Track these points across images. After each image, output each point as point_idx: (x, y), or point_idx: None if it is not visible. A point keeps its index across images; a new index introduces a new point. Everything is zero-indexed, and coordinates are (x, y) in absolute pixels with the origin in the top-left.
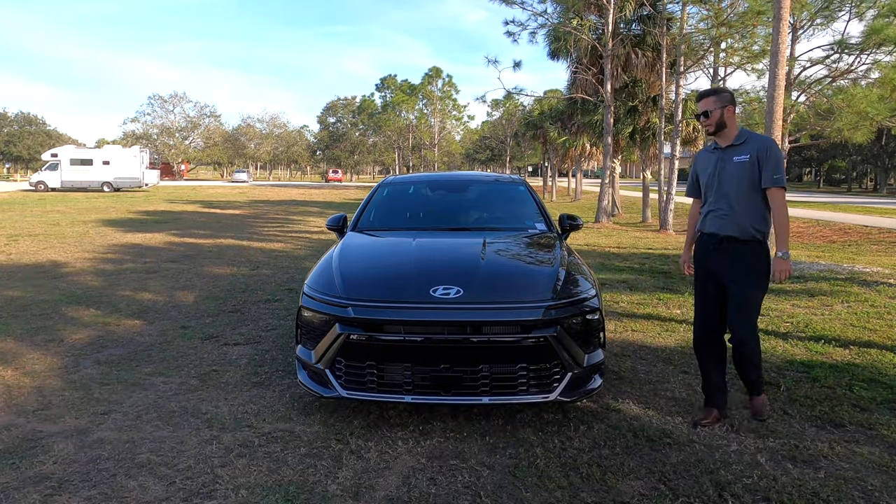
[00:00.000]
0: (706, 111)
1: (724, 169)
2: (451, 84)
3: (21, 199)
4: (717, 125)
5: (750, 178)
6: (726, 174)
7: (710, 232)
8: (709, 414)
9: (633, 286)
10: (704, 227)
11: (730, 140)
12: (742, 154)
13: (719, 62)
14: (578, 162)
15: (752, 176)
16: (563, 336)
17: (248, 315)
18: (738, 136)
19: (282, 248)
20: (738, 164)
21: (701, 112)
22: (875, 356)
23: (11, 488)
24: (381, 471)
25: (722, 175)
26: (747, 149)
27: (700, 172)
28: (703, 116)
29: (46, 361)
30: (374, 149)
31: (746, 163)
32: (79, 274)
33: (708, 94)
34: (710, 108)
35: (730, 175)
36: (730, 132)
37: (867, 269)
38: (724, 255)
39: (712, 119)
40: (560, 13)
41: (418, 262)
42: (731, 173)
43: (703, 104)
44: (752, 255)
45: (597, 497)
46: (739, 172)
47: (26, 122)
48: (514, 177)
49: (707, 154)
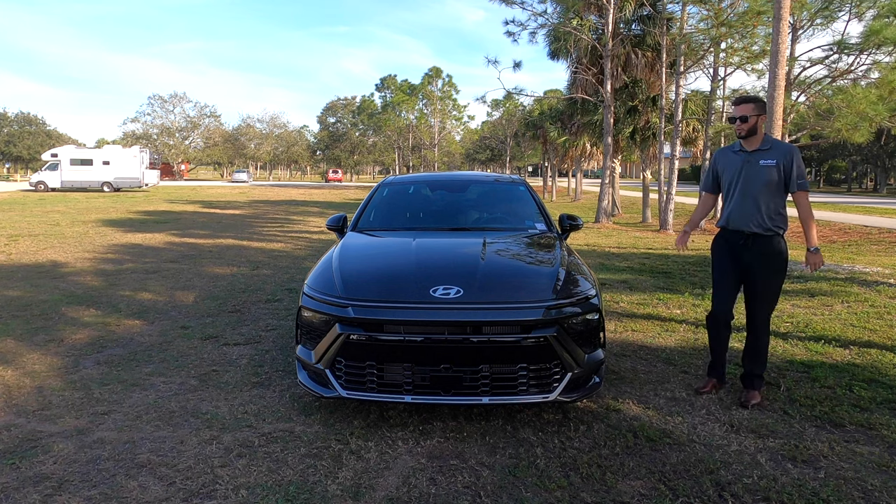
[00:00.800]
0: (744, 116)
1: (752, 171)
2: (451, 84)
3: (21, 200)
4: (749, 131)
5: (775, 181)
6: (753, 176)
7: (736, 229)
8: (708, 383)
9: (633, 286)
10: (728, 224)
11: (757, 145)
12: (769, 159)
13: (719, 62)
14: (578, 162)
15: (777, 179)
16: (563, 336)
17: (248, 315)
18: (764, 141)
19: (282, 248)
20: (765, 167)
21: (738, 116)
22: (875, 356)
23: (11, 488)
24: (381, 471)
25: (749, 176)
26: (773, 154)
27: (722, 172)
28: (740, 121)
29: (46, 361)
30: (374, 149)
31: (774, 167)
32: (79, 274)
33: (748, 100)
34: (748, 114)
35: (757, 177)
36: (758, 137)
37: (867, 269)
38: (750, 250)
39: (748, 125)
40: (560, 13)
41: (418, 263)
42: (759, 175)
43: (741, 109)
44: (776, 248)
45: (597, 497)
46: (767, 175)
47: (26, 122)
48: (514, 177)
49: (731, 154)
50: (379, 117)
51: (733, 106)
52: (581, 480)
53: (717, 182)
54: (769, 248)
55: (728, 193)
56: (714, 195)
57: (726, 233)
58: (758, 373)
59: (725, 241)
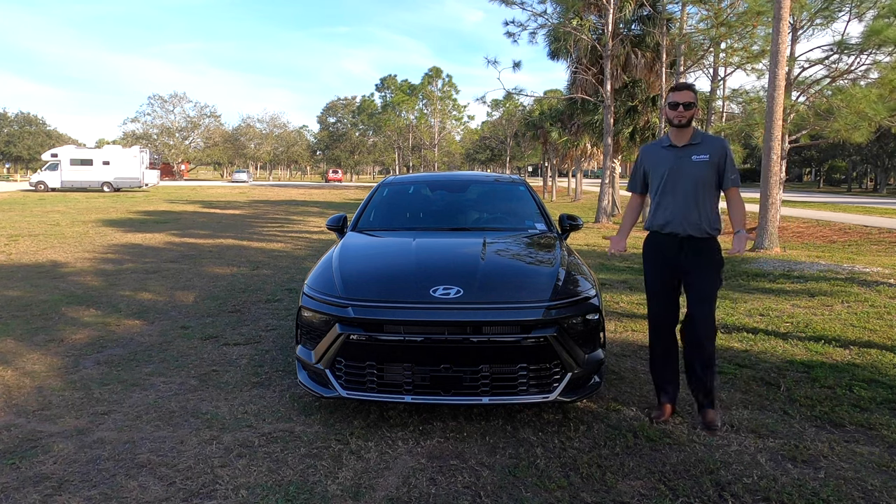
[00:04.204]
0: (689, 102)
1: (683, 167)
2: (451, 84)
3: (21, 200)
4: (689, 119)
5: (709, 178)
6: (685, 173)
7: (670, 232)
8: (664, 408)
9: (633, 286)
10: (661, 227)
11: (687, 139)
12: (701, 154)
13: (719, 62)
14: (578, 162)
15: (711, 176)
16: (563, 336)
17: (248, 315)
18: (694, 134)
19: (282, 248)
20: (697, 163)
21: (682, 102)
22: (875, 356)
23: (11, 488)
24: (381, 471)
25: (680, 173)
26: (705, 148)
27: (650, 169)
28: (684, 107)
29: (46, 361)
30: (374, 149)
31: (706, 162)
32: (79, 274)
33: (690, 87)
34: (692, 101)
35: (689, 174)
36: (689, 131)
37: (867, 269)
38: (685, 253)
39: (691, 112)
40: (560, 13)
41: (418, 262)
42: (691, 172)
43: (686, 95)
44: (711, 250)
45: (597, 497)
46: (699, 172)
47: (26, 122)
48: (514, 177)
49: (659, 150)
50: (379, 117)
51: (673, 92)
52: (581, 480)
53: (646, 181)
54: (706, 250)
55: (656, 193)
56: (643, 195)
57: (657, 237)
58: (710, 385)
59: (656, 246)
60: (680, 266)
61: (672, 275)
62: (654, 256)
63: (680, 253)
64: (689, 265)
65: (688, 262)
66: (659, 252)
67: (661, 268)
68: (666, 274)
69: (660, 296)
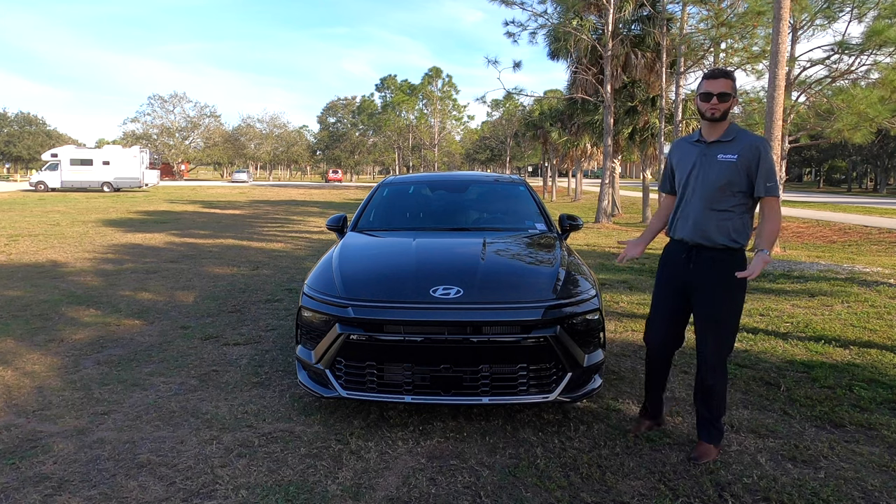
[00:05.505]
0: (725, 93)
1: (706, 166)
2: (450, 84)
3: (21, 200)
4: (724, 113)
5: (734, 181)
6: (707, 172)
7: (679, 238)
8: (641, 424)
9: (633, 286)
10: (674, 232)
11: (719, 134)
12: (729, 153)
13: (719, 62)
14: (578, 162)
15: (737, 179)
16: (563, 336)
17: (249, 315)
18: (727, 131)
19: (282, 248)
20: (721, 163)
21: (717, 92)
22: (875, 356)
23: (11, 488)
24: (381, 471)
25: (703, 174)
26: (735, 148)
27: (677, 166)
28: (718, 98)
29: (46, 361)
30: (374, 149)
31: (732, 164)
32: (79, 274)
33: (729, 75)
34: (729, 91)
35: (710, 174)
36: (723, 125)
37: (867, 269)
38: (694, 266)
39: (727, 105)
40: (560, 13)
41: (418, 263)
42: (712, 173)
43: (721, 84)
44: (725, 265)
45: (597, 497)
46: (721, 173)
47: (26, 122)
48: (514, 177)
49: (687, 146)
50: (379, 117)
51: (706, 80)
52: (581, 480)
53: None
54: (720, 265)
55: (680, 193)
56: (674, 196)
57: (670, 244)
58: (714, 417)
59: (666, 255)
60: (689, 283)
61: (677, 293)
62: (662, 266)
63: (688, 264)
64: (696, 281)
65: (696, 278)
66: (668, 262)
67: (665, 281)
68: (669, 290)
69: (657, 316)
